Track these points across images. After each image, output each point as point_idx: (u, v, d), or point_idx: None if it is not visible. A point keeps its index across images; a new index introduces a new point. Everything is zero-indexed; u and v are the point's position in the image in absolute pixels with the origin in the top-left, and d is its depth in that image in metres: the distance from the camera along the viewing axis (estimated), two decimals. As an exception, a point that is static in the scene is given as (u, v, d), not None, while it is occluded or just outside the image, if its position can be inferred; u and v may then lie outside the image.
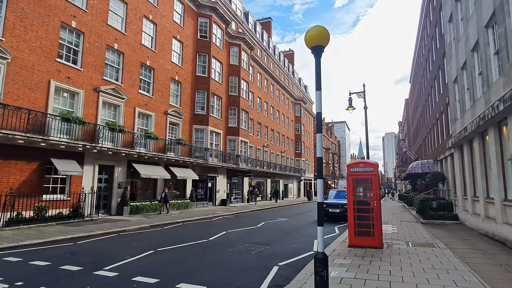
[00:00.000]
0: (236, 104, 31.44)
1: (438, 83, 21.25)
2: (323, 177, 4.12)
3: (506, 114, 8.04)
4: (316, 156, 48.89)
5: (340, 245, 9.21)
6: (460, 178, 14.13)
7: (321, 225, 3.84)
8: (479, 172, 10.89)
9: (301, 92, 59.83)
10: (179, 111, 23.85)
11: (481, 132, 10.77)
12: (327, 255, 3.91)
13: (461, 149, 14.02)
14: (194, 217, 17.55)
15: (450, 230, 12.40)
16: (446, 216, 14.73)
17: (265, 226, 14.60)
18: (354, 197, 8.99)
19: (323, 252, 3.86)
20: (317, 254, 3.83)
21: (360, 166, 9.02)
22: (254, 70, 38.24)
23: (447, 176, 19.03)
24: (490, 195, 10.36)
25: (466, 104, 12.56)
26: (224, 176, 29.95)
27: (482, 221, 10.72)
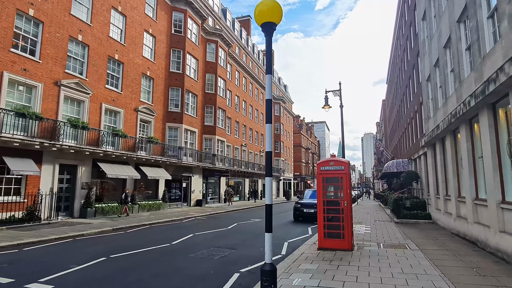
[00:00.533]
0: (213, 102, 30.65)
1: (413, 83, 21.35)
2: (272, 174, 3.57)
3: (477, 110, 7.81)
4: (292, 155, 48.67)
5: (309, 247, 8.74)
6: (432, 177, 14.05)
7: (269, 231, 3.27)
8: (451, 170, 10.73)
9: (280, 91, 59.62)
10: (151, 108, 22.84)
11: (453, 130, 10.61)
12: (275, 266, 3.35)
13: (434, 148, 13.94)
14: (164, 219, 16.71)
15: (423, 229, 12.23)
16: (419, 215, 14.64)
17: (237, 227, 13.99)
18: (324, 197, 8.54)
19: (270, 263, 3.30)
20: (263, 265, 3.27)
21: (330, 164, 8.58)
22: (232, 68, 37.55)
23: (421, 175, 19.09)
24: (461, 194, 10.20)
25: (438, 102, 12.44)
26: (199, 176, 29.11)
27: (453, 220, 10.56)
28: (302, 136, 77.56)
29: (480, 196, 8.48)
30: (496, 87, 6.04)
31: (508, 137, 6.72)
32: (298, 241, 10.38)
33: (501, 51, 6.16)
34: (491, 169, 7.16)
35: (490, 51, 6.83)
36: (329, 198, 8.73)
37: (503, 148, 6.94)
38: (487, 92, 6.47)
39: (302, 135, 78.24)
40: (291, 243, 10.11)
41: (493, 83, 6.14)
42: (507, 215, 6.69)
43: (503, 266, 6.26)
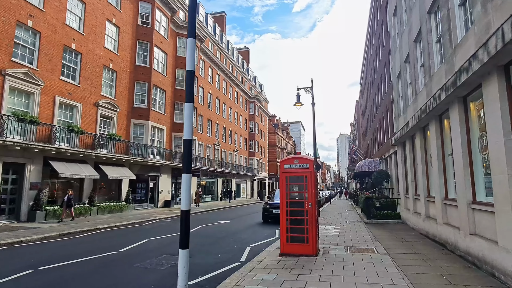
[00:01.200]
0: (183, 99, 29.36)
1: (384, 82, 21.25)
2: (190, 170, 2.73)
3: (448, 105, 7.35)
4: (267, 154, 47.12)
5: (272, 253, 7.98)
6: (402, 176, 13.76)
7: (185, 247, 2.44)
8: (420, 169, 10.36)
9: (256, 90, 58.97)
10: (113, 103, 21.37)
11: (422, 127, 10.24)
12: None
13: (404, 146, 13.65)
14: (124, 222, 15.46)
15: (392, 230, 11.84)
16: (388, 215, 14.33)
17: (200, 230, 13.05)
18: (287, 197, 7.81)
19: None
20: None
21: (294, 162, 7.87)
22: (205, 64, 36.41)
23: (391, 174, 18.94)
24: (430, 193, 9.83)
25: (408, 99, 12.11)
26: (168, 175, 27.80)
27: (423, 220, 10.18)
28: (277, 136, 77.34)
29: (450, 195, 8.07)
30: (468, 77, 5.53)
31: (480, 133, 6.26)
32: (263, 245, 9.62)
33: (474, 38, 5.66)
34: (461, 167, 6.70)
35: (462, 40, 6.34)
36: (293, 199, 8.02)
37: (475, 144, 6.49)
38: (459, 83, 5.96)
39: (278, 135, 78.05)
40: (254, 247, 9.33)
41: (465, 72, 5.63)
42: (478, 216, 6.23)
43: (475, 273, 5.77)
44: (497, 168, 5.10)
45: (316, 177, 8.11)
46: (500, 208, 5.05)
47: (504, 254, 4.94)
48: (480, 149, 6.28)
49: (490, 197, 6.05)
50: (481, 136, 6.19)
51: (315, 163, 8.21)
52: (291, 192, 7.99)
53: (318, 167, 18.63)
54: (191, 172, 2.68)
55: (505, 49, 4.39)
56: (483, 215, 5.96)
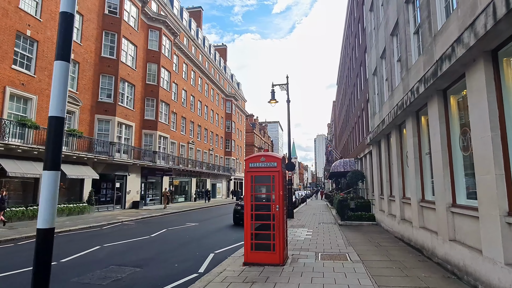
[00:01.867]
0: (155, 94, 28.02)
1: (360, 80, 20.95)
2: (59, 167, 1.83)
3: (426, 99, 6.79)
4: (244, 154, 47.04)
5: (235, 262, 7.14)
6: (377, 176, 13.32)
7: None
8: (396, 169, 9.85)
9: (233, 88, 57.99)
10: (75, 96, 19.79)
11: (398, 124, 9.74)
12: None
13: (379, 145, 13.21)
14: (81, 225, 14.13)
15: (366, 232, 11.32)
16: (363, 217, 13.86)
17: (163, 235, 12.00)
18: (252, 200, 7.00)
19: None
20: None
21: (261, 160, 7.06)
22: (179, 60, 35.05)
23: (366, 174, 18.61)
24: (406, 194, 9.33)
25: (384, 96, 11.63)
26: (137, 175, 26.33)
27: (398, 223, 9.67)
28: (255, 135, 76.68)
29: (427, 197, 7.54)
30: (451, 65, 4.92)
31: (462, 129, 5.70)
32: (228, 251, 8.76)
33: (457, 22, 5.06)
34: (440, 166, 6.13)
35: (443, 27, 5.76)
36: (259, 201, 7.23)
37: (455, 142, 5.93)
38: (440, 72, 5.36)
39: (255, 134, 77.41)
40: (218, 254, 8.45)
41: (447, 60, 5.02)
42: (458, 221, 5.66)
43: (456, 284, 5.18)
44: (482, 168, 4.51)
45: (285, 177, 7.35)
46: (486, 213, 4.45)
47: (490, 265, 4.35)
48: (461, 147, 5.72)
49: (471, 200, 5.50)
50: (463, 132, 5.62)
51: (285, 162, 7.44)
52: (256, 194, 7.18)
53: (292, 166, 18.00)
54: (58, 169, 1.80)
55: (496, 29, 3.77)
56: (465, 220, 5.39)
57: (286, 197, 7.59)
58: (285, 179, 7.50)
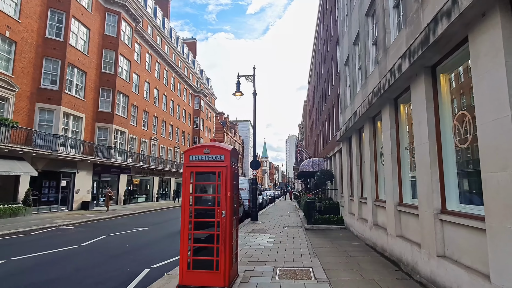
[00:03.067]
0: (111, 84, 25.54)
1: (331, 76, 19.97)
2: None
3: (409, 80, 5.55)
4: None
5: (170, 282, 5.53)
6: (347, 175, 12.19)
7: None
8: (369, 167, 8.66)
9: (202, 84, 55.81)
10: (9, 80, 17.12)
11: (372, 116, 8.56)
12: None
13: (350, 142, 12.09)
14: (5, 231, 11.82)
15: (335, 239, 10.08)
16: (331, 220, 12.69)
17: (97, 243, 10.07)
18: (192, 203, 5.42)
19: None
20: None
21: (204, 152, 5.49)
22: (142, 49, 32.58)
23: (335, 174, 17.60)
24: (380, 196, 8.16)
25: (357, 85, 10.48)
26: (88, 172, 23.76)
27: (369, 229, 8.48)
28: (225, 134, 74.84)
29: (406, 200, 6.33)
30: (448, 26, 3.63)
31: (457, 113, 4.47)
32: (169, 265, 7.09)
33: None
34: (427, 162, 4.89)
35: (435, -17, 4.50)
36: (202, 205, 5.69)
37: (446, 131, 4.70)
38: (433, 38, 4.08)
39: (226, 133, 75.58)
40: (155, 270, 6.77)
41: (446, 18, 3.73)
42: (450, 231, 4.42)
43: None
44: (494, 163, 3.24)
45: (235, 174, 5.82)
46: (498, 225, 3.18)
47: (504, 299, 3.07)
48: (455, 137, 4.49)
49: (465, 205, 4.28)
50: (460, 117, 4.39)
51: (237, 156, 5.92)
52: (197, 196, 5.62)
53: (257, 165, 16.59)
54: None
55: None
56: (460, 232, 4.15)
57: (237, 199, 6.07)
58: (236, 176, 5.99)
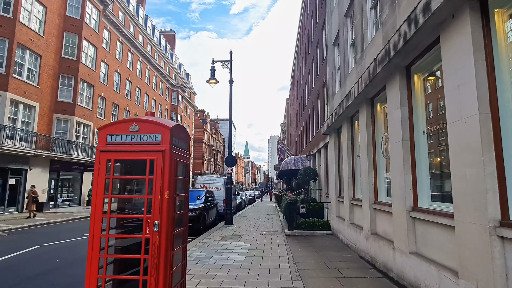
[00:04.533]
0: (73, 71, 22.90)
1: (316, 65, 18.31)
2: None
3: (438, 29, 3.78)
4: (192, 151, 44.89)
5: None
6: (334, 173, 10.47)
7: None
8: (365, 161, 6.92)
9: (181, 79, 53.25)
10: None
11: (370, 97, 6.83)
12: None
13: (338, 133, 10.39)
14: None
15: (321, 248, 8.31)
16: (316, 225, 10.94)
17: (21, 257, 7.83)
18: (108, 208, 3.45)
19: None
20: None
21: (131, 129, 3.53)
22: (112, 36, 29.92)
23: (320, 172, 15.92)
24: (379, 198, 6.43)
25: (349, 65, 8.75)
26: (44, 169, 21.07)
27: (365, 238, 6.74)
28: (205, 132, 72.38)
29: (422, 204, 4.60)
30: None
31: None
32: None
33: None
34: (476, 145, 3.13)
35: None
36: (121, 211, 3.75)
37: (509, 94, 2.96)
38: None
39: (206, 131, 73.11)
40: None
41: None
42: None
43: None
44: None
45: (178, 165, 3.86)
46: None
47: None
48: None
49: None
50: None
51: (181, 136, 3.95)
52: (114, 197, 3.67)
53: (232, 161, 14.68)
54: None
55: None
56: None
57: (185, 203, 4.13)
58: (184, 169, 4.05)
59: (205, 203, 13.13)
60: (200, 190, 14.39)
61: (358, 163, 8.32)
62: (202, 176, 18.58)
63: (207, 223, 12.98)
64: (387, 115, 5.69)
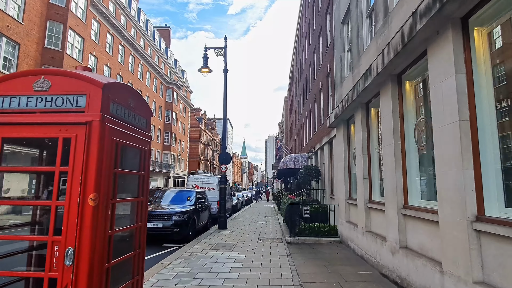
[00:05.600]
0: (57, 63, 21.32)
1: (318, 55, 16.89)
2: None
3: None
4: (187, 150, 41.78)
5: None
6: (344, 171, 9.02)
7: None
8: (390, 154, 5.47)
9: (176, 76, 51.69)
10: None
11: (397, 74, 5.39)
12: None
13: (348, 125, 8.96)
14: None
15: (331, 262, 6.86)
16: (321, 230, 9.49)
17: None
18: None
19: None
20: None
21: (37, 87, 2.05)
22: (102, 28, 28.38)
23: (323, 171, 14.50)
24: (410, 201, 4.99)
25: (364, 40, 7.32)
26: (24, 168, 19.47)
27: (392, 253, 5.29)
28: (201, 131, 70.83)
29: (491, 212, 3.15)
30: None
31: None
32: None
33: None
34: None
35: None
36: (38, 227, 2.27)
37: None
38: None
39: (202, 130, 71.56)
40: None
41: None
42: None
43: None
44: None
45: (118, 149, 2.40)
46: None
47: None
48: None
49: None
50: None
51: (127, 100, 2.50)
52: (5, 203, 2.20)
53: (227, 158, 13.22)
54: None
55: None
56: None
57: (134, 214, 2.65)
58: (139, 157, 2.58)
59: (196, 205, 11.65)
60: (190, 190, 12.90)
61: (375, 158, 6.89)
62: (194, 175, 17.07)
63: (198, 227, 11.51)
64: (421, 92, 4.24)
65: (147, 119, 2.77)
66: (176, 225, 9.89)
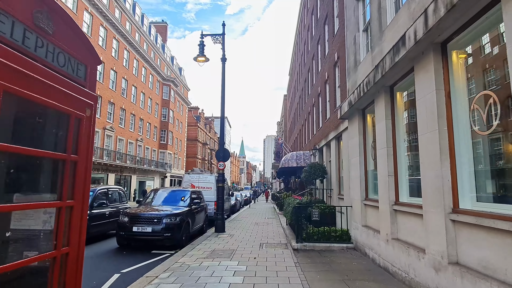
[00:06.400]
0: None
1: (323, 46, 15.76)
2: None
3: None
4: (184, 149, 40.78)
5: None
6: (359, 167, 7.89)
7: None
8: (437, 144, 4.33)
9: (173, 72, 50.44)
10: None
11: (441, 42, 4.25)
12: None
13: (363, 114, 7.83)
14: None
15: (350, 276, 5.73)
16: (332, 235, 8.36)
17: None
18: None
19: None
20: None
21: None
22: (94, 20, 27.17)
23: (329, 168, 13.38)
24: (462, 204, 3.86)
25: (388, 12, 6.18)
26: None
27: (434, 270, 4.16)
28: (199, 130, 69.62)
29: None
30: None
31: None
32: None
33: None
34: None
35: None
36: None
37: None
38: None
39: (200, 129, 70.32)
40: None
41: None
42: None
43: None
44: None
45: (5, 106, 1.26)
46: None
47: None
48: None
49: None
50: None
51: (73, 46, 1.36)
52: None
53: (225, 155, 12.09)
54: None
55: None
56: None
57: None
58: (67, 126, 1.46)
59: (190, 206, 10.50)
60: (184, 190, 11.73)
61: (402, 151, 5.76)
62: (190, 174, 15.90)
63: (193, 231, 10.36)
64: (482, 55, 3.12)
65: (89, 67, 1.64)
66: (168, 229, 8.74)
